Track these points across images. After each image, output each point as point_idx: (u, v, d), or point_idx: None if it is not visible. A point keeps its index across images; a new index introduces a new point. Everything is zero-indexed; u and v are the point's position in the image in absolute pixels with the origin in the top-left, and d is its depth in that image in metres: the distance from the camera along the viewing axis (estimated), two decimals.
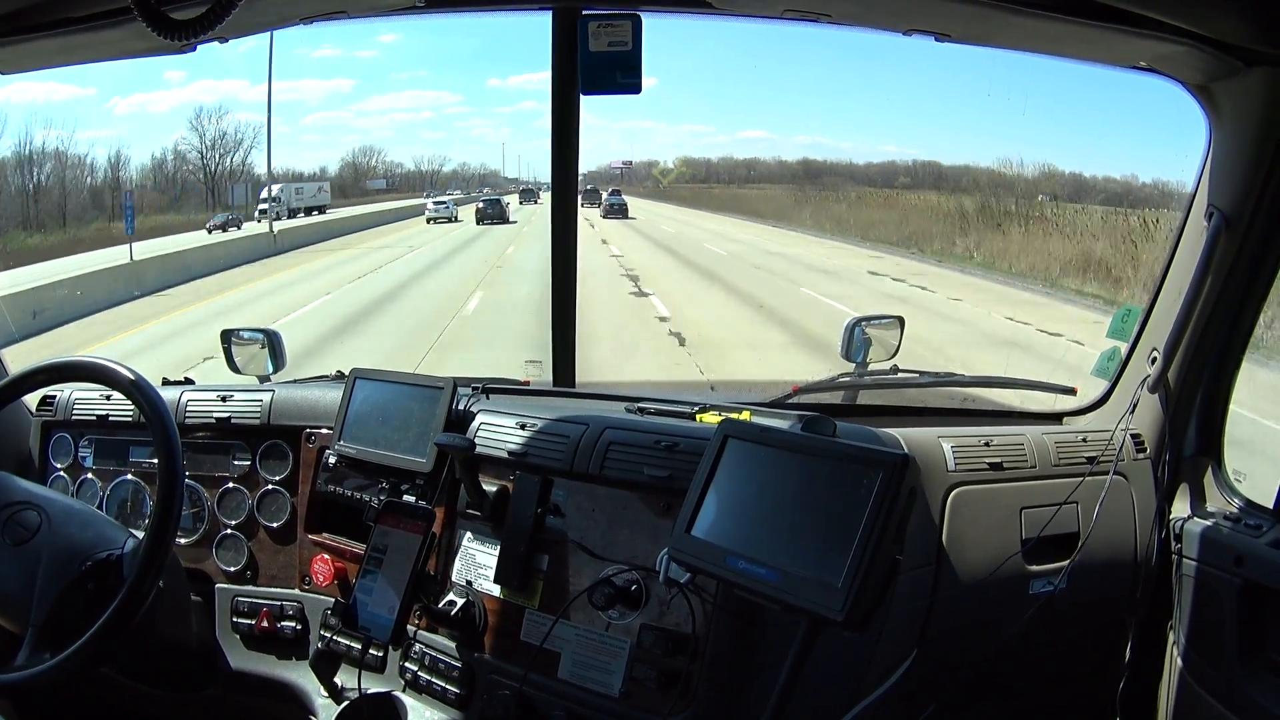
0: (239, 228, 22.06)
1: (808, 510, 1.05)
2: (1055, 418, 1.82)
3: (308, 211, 25.10)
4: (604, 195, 28.22)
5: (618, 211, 26.44)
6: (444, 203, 27.29)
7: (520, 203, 28.05)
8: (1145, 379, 1.62)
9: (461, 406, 1.60)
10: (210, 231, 21.47)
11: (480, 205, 25.39)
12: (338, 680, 1.58)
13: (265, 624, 1.66)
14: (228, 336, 2.03)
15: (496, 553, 1.46)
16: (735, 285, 14.37)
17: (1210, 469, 1.60)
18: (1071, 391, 1.84)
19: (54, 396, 1.82)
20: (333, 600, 1.55)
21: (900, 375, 1.90)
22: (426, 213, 26.65)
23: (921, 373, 1.91)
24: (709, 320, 11.28)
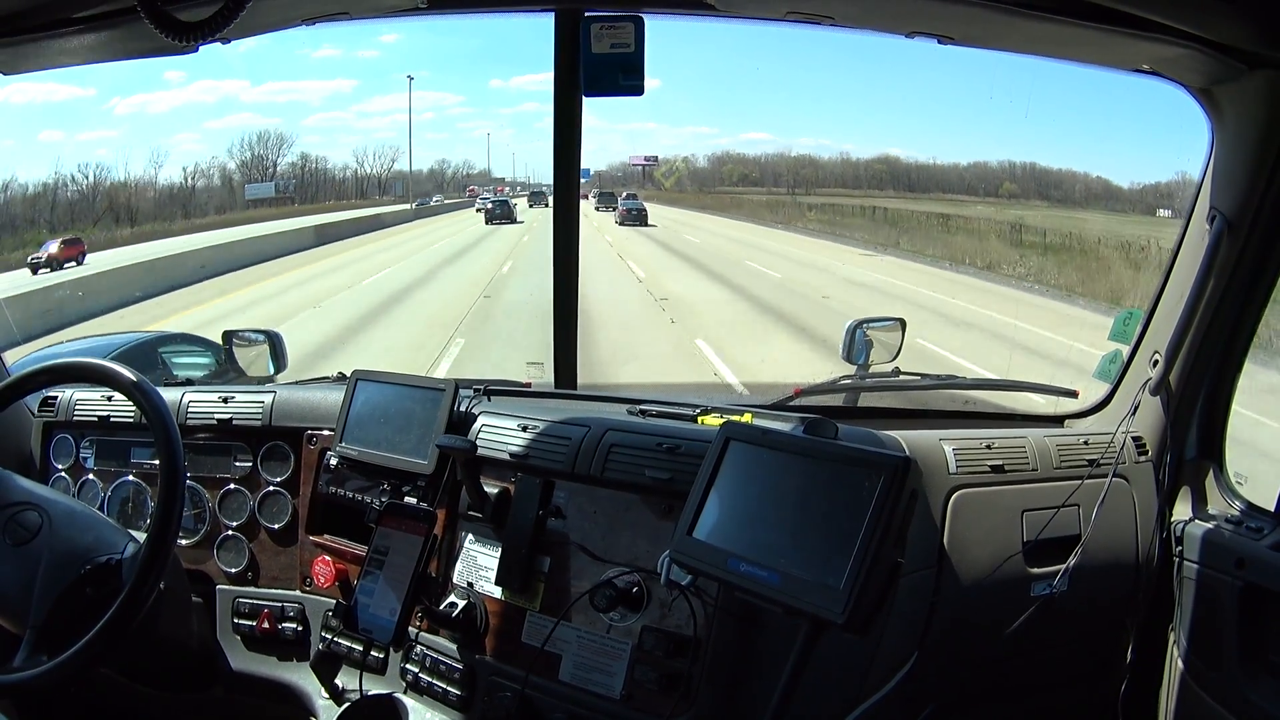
0: None
1: (809, 513, 1.05)
2: (1057, 420, 1.82)
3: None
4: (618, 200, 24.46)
5: (635, 218, 22.78)
6: (487, 198, 27.26)
7: (529, 205, 25.93)
8: (1147, 381, 1.62)
9: (463, 408, 1.60)
10: None
11: (489, 206, 24.98)
12: (339, 682, 1.58)
13: (266, 625, 1.66)
14: (229, 338, 2.04)
15: (498, 554, 1.46)
16: None
17: (1211, 471, 1.60)
18: (1073, 394, 1.83)
19: (55, 398, 1.83)
20: (334, 602, 1.54)
21: (902, 378, 1.90)
22: (477, 204, 26.70)
23: (923, 375, 1.91)
24: None
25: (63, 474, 1.81)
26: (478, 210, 25.60)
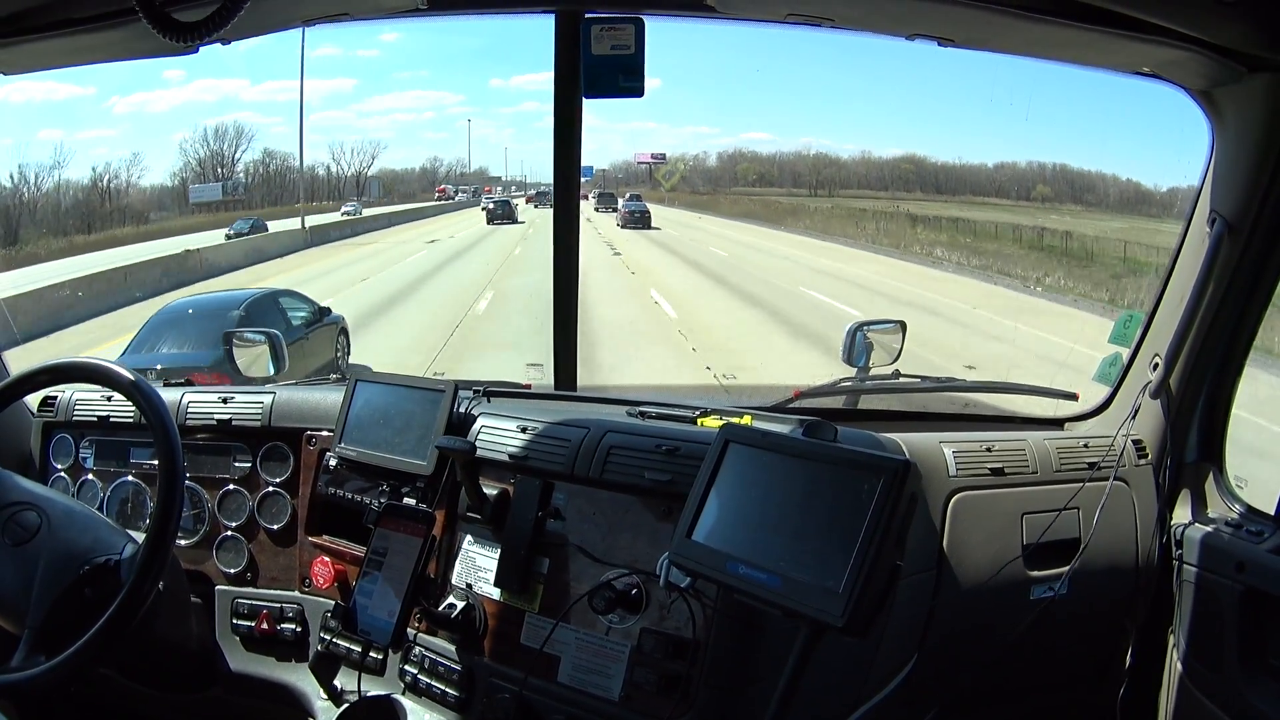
0: None
1: (809, 515, 1.05)
2: (1057, 423, 1.82)
3: None
4: (620, 201, 22.96)
5: (638, 221, 21.31)
6: (490, 197, 26.26)
7: (535, 206, 24.44)
8: (1147, 384, 1.62)
9: (462, 409, 1.59)
10: None
11: (490, 206, 24.36)
12: (337, 683, 1.57)
13: (265, 626, 1.66)
14: (229, 338, 2.04)
15: (497, 556, 1.46)
16: None
17: (1211, 475, 1.60)
18: (1073, 397, 1.83)
19: (55, 397, 1.83)
20: (333, 603, 1.54)
21: (902, 380, 1.90)
22: (483, 201, 25.55)
23: (923, 378, 1.90)
24: None
25: (62, 474, 1.81)
26: (483, 209, 24.84)
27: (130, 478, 1.77)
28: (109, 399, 1.78)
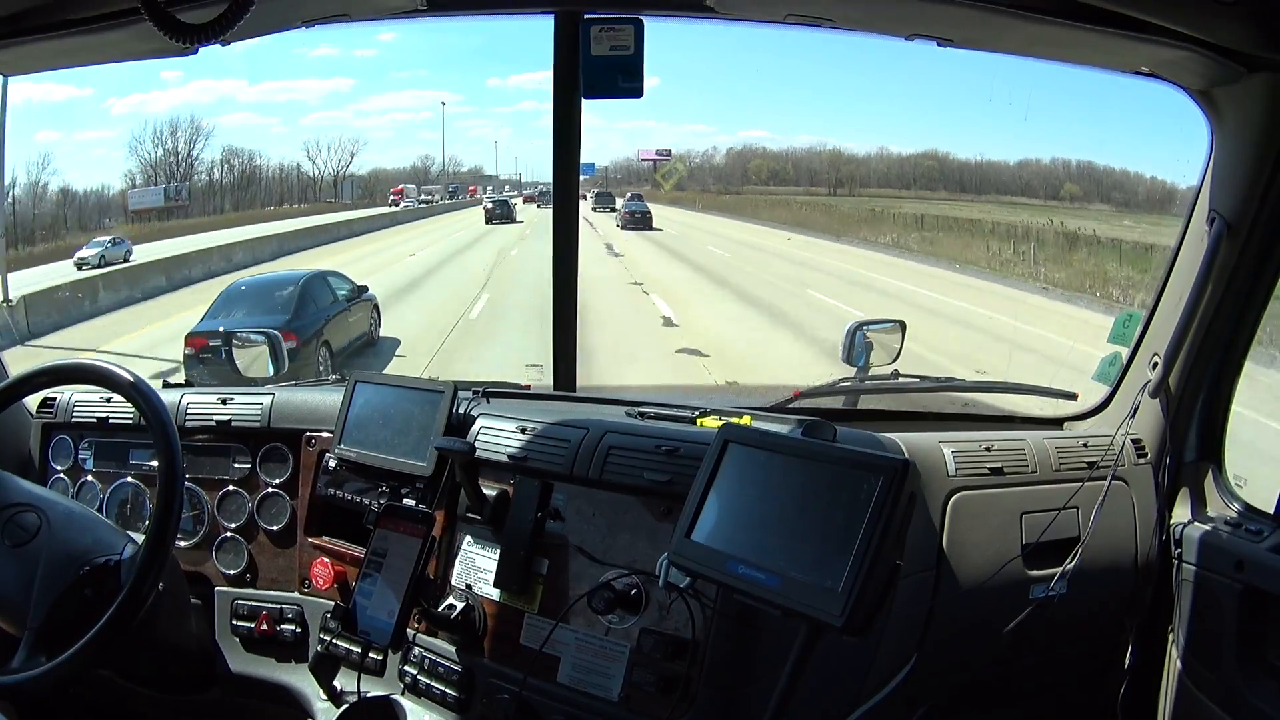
0: None
1: (808, 515, 1.05)
2: (1056, 423, 1.82)
3: None
4: (619, 201, 22.21)
5: (639, 222, 20.47)
6: (491, 199, 25.05)
7: (538, 206, 23.35)
8: (1146, 384, 1.62)
9: (462, 410, 1.59)
10: None
11: (489, 206, 24.08)
12: (337, 683, 1.57)
13: (265, 627, 1.66)
14: (229, 338, 2.04)
15: (496, 556, 1.46)
16: None
17: (1211, 474, 1.60)
18: (1072, 396, 1.83)
19: (54, 399, 1.83)
20: (332, 603, 1.54)
21: (901, 380, 1.90)
22: (484, 200, 24.56)
23: (922, 377, 1.91)
24: None
25: (61, 475, 1.81)
26: (484, 209, 23.84)
27: (130, 479, 1.77)
28: (108, 400, 1.78)
